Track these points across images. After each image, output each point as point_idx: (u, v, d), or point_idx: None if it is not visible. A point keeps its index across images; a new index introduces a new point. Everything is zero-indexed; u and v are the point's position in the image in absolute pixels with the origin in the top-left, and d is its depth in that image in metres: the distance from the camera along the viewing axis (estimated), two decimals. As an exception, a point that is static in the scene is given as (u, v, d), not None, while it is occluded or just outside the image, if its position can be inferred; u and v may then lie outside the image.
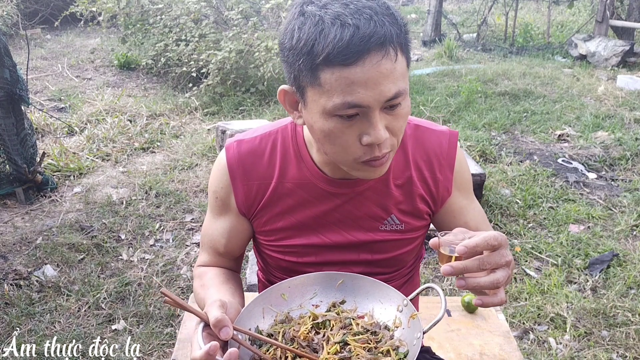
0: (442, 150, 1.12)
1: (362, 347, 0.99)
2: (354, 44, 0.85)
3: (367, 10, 0.87)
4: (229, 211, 1.16)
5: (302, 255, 1.15)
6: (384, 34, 0.86)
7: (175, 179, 3.79)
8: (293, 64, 0.91)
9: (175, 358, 1.58)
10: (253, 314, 1.04)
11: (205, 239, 1.23)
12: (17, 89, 3.28)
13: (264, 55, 5.00)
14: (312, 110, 0.94)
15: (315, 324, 1.04)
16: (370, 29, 0.86)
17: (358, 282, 1.09)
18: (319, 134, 0.96)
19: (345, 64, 0.86)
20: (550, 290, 2.64)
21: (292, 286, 1.08)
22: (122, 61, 6.62)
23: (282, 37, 0.94)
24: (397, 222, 1.13)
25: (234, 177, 1.12)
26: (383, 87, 0.89)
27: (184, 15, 5.60)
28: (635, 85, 5.74)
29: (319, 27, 0.87)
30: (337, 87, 0.88)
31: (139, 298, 2.60)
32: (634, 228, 3.20)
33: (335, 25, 0.86)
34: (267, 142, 1.12)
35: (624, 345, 2.31)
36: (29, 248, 2.99)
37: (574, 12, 9.27)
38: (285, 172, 1.11)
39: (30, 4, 8.54)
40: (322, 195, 1.10)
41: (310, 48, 0.87)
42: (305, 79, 0.91)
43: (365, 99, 0.89)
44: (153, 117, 4.99)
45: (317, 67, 0.88)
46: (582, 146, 4.31)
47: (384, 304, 1.06)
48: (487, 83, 5.91)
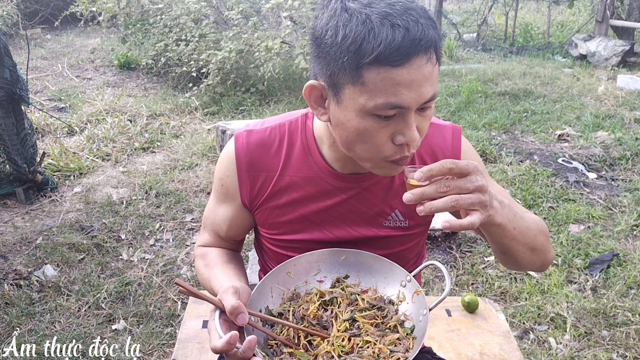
0: (447, 144, 1.13)
1: (370, 322, 1.02)
2: (405, 45, 0.85)
3: (413, 12, 0.87)
4: (233, 201, 1.17)
5: (303, 251, 1.15)
6: (430, 38, 0.87)
7: (176, 178, 3.79)
8: (334, 60, 0.90)
9: (175, 358, 1.58)
10: (262, 294, 1.07)
11: (208, 221, 1.24)
12: (17, 89, 3.28)
13: (264, 55, 5.00)
14: (348, 108, 0.93)
15: (322, 301, 1.07)
16: (419, 32, 0.86)
17: (361, 258, 1.11)
18: (350, 132, 0.95)
19: (393, 65, 0.86)
20: (551, 290, 2.64)
21: (297, 264, 1.11)
22: (122, 61, 6.62)
23: (321, 32, 0.92)
24: (401, 219, 1.14)
25: (240, 168, 1.13)
26: (423, 90, 0.90)
27: (184, 15, 5.60)
28: (635, 85, 5.74)
29: (367, 26, 0.86)
30: (381, 87, 0.88)
31: (139, 298, 2.60)
32: (634, 228, 3.20)
33: (385, 26, 0.85)
34: (276, 134, 1.13)
35: (624, 345, 2.31)
36: (29, 248, 2.99)
37: (574, 12, 9.27)
38: (291, 165, 1.11)
39: (30, 4, 8.54)
40: (329, 190, 1.11)
41: (358, 46, 0.87)
42: (346, 77, 0.90)
43: (407, 100, 0.89)
44: (153, 117, 4.99)
45: (362, 65, 0.87)
46: (582, 146, 4.31)
47: (387, 279, 1.09)
48: (487, 83, 5.91)
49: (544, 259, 1.09)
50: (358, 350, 0.99)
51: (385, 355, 0.97)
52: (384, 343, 0.99)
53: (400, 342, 0.99)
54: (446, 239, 3.08)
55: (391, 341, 0.99)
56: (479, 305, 1.79)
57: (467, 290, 2.67)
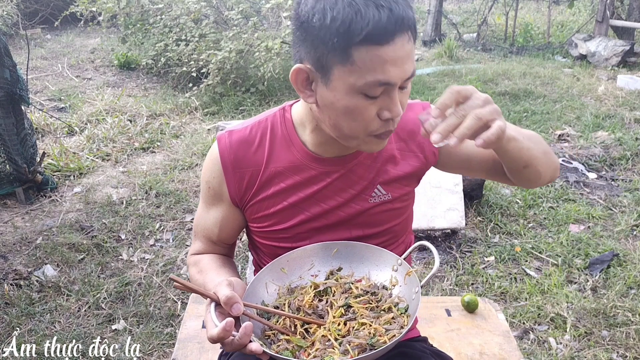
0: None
1: (365, 307, 1.06)
2: (390, 24, 0.91)
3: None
4: (222, 201, 1.20)
5: (296, 240, 1.18)
6: (410, 17, 0.94)
7: (175, 178, 3.79)
8: (323, 42, 0.94)
9: (175, 358, 1.58)
10: (257, 289, 1.09)
11: (199, 228, 1.26)
12: (17, 89, 3.28)
13: (264, 55, 5.00)
14: (337, 88, 0.97)
15: (317, 292, 1.10)
16: (400, 11, 0.92)
17: (352, 249, 1.15)
18: (340, 111, 0.99)
19: (381, 44, 0.92)
20: (551, 290, 2.64)
21: (291, 260, 1.14)
22: (122, 61, 6.62)
23: (307, 16, 0.95)
24: (383, 193, 1.18)
25: (226, 167, 1.15)
26: (406, 66, 0.96)
27: (184, 15, 5.60)
28: (635, 85, 5.74)
29: (353, 7, 0.90)
30: (370, 65, 0.93)
31: (139, 298, 2.60)
32: (634, 228, 3.20)
33: (370, 7, 0.90)
34: (257, 130, 1.16)
35: (624, 345, 2.31)
36: (29, 248, 2.99)
37: (574, 12, 9.27)
38: (275, 157, 1.14)
39: (30, 4, 8.54)
40: (314, 175, 1.14)
41: (347, 27, 0.91)
42: (335, 58, 0.94)
43: (394, 77, 0.95)
44: (153, 117, 4.99)
45: (352, 45, 0.92)
46: (582, 146, 4.31)
47: (379, 266, 1.13)
48: (487, 83, 5.91)
49: (555, 160, 1.17)
50: (354, 333, 1.02)
51: (381, 333, 1.00)
52: (379, 323, 1.02)
53: (394, 320, 1.03)
54: (446, 239, 3.08)
55: (386, 321, 1.03)
56: (479, 305, 1.79)
57: (467, 290, 2.67)
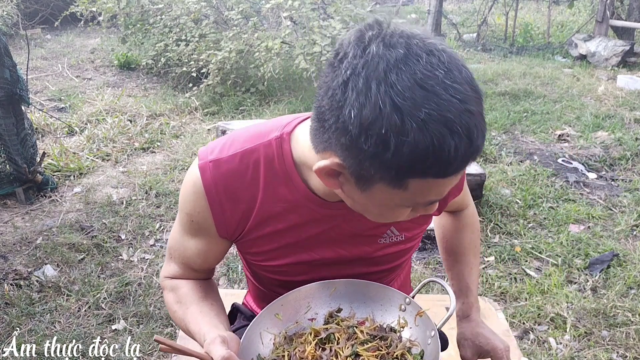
0: None
1: (374, 355, 0.95)
2: (465, 160, 0.75)
3: (470, 106, 0.73)
4: (207, 235, 1.05)
5: (294, 275, 1.08)
6: (482, 145, 0.76)
7: (176, 179, 3.79)
8: (371, 165, 0.76)
9: (175, 357, 1.58)
10: (252, 342, 0.98)
11: (175, 253, 1.12)
12: (17, 89, 3.28)
13: (264, 55, 5.00)
14: (375, 198, 0.83)
15: (318, 340, 0.99)
16: (480, 138, 0.74)
17: (352, 287, 1.05)
18: (370, 211, 0.89)
19: (444, 177, 0.77)
20: (550, 290, 2.64)
21: (285, 304, 1.03)
22: (122, 61, 6.61)
23: (359, 132, 0.73)
24: (396, 234, 1.08)
25: (213, 203, 1.00)
26: (454, 182, 0.83)
27: (184, 15, 5.60)
28: (635, 85, 5.74)
29: (426, 139, 0.70)
30: (424, 192, 0.80)
31: (139, 298, 2.60)
32: (634, 228, 3.20)
33: (446, 138, 0.71)
34: (248, 161, 0.98)
35: (624, 345, 2.31)
36: (29, 248, 2.99)
37: (574, 12, 9.27)
38: (271, 193, 0.99)
39: (30, 4, 8.54)
40: (317, 217, 1.00)
41: (411, 164, 0.73)
42: (384, 179, 0.78)
43: (442, 195, 0.84)
44: (153, 117, 4.99)
45: (411, 177, 0.76)
46: (582, 146, 4.31)
47: (383, 306, 1.03)
48: (487, 83, 5.91)
49: (479, 243, 1.32)
50: None
51: None
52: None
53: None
54: (446, 239, 3.08)
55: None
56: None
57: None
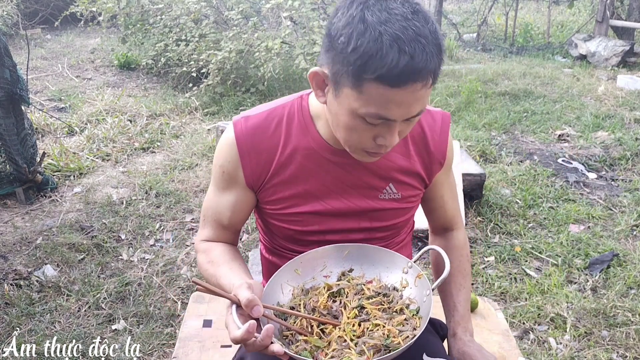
0: (437, 127, 1.23)
1: (377, 308, 1.09)
2: (406, 73, 0.92)
3: (422, 39, 0.92)
4: (236, 185, 1.21)
5: (306, 224, 1.21)
6: (431, 67, 0.94)
7: (175, 179, 3.79)
8: (341, 63, 0.96)
9: (176, 356, 1.59)
10: (274, 291, 1.13)
11: (209, 212, 1.27)
12: (17, 89, 3.28)
13: (264, 55, 5.00)
14: (342, 104, 1.01)
15: (330, 293, 1.13)
16: (422, 61, 0.92)
17: (363, 251, 1.18)
18: (340, 123, 1.05)
19: (390, 86, 0.94)
20: (550, 290, 2.64)
21: (304, 261, 1.17)
22: (122, 61, 6.62)
23: (335, 34, 0.97)
24: (394, 191, 1.22)
25: (242, 151, 1.17)
26: (412, 108, 0.99)
27: (184, 15, 5.60)
28: (635, 85, 5.74)
29: (377, 45, 0.91)
30: (375, 99, 0.96)
31: (139, 298, 2.60)
32: (634, 228, 3.20)
33: (393, 49, 0.91)
34: (273, 117, 1.18)
35: (624, 345, 2.31)
36: (29, 248, 2.99)
37: (574, 12, 9.27)
38: (290, 142, 1.17)
39: (30, 4, 8.54)
40: (326, 164, 1.17)
41: (364, 62, 0.93)
42: (347, 81, 0.97)
43: (395, 115, 0.98)
44: (153, 117, 4.99)
45: (363, 79, 0.94)
46: (582, 146, 4.32)
47: (389, 268, 1.16)
48: (487, 83, 5.91)
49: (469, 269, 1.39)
50: (369, 334, 1.05)
51: (395, 334, 1.03)
52: (392, 324, 1.05)
53: (407, 322, 1.06)
54: (446, 238, 3.08)
55: (399, 322, 1.06)
56: (479, 304, 1.79)
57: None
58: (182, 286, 2.69)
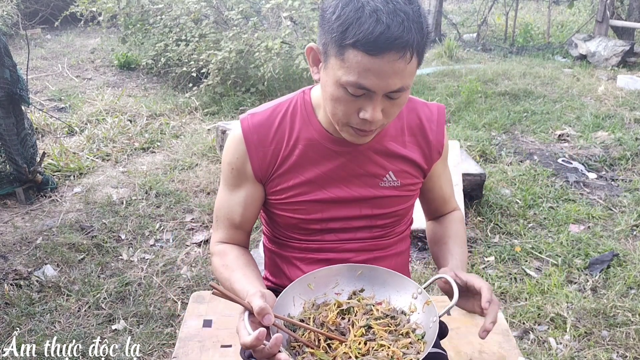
0: (434, 119, 1.29)
1: (384, 329, 1.12)
2: (381, 40, 0.98)
3: (402, 13, 0.98)
4: (245, 180, 1.26)
5: (310, 212, 1.26)
6: (408, 40, 0.99)
7: (176, 179, 3.79)
8: (328, 33, 1.04)
9: (176, 356, 1.59)
10: (286, 302, 1.15)
11: (221, 213, 1.31)
12: (17, 89, 3.28)
13: (264, 55, 5.00)
14: (329, 75, 1.07)
15: (340, 310, 1.16)
16: (398, 32, 0.98)
17: (375, 273, 1.21)
18: (327, 94, 1.10)
19: (368, 54, 0.99)
20: (550, 290, 2.64)
21: (317, 277, 1.20)
22: (122, 61, 6.62)
23: (326, 6, 1.05)
24: (394, 179, 1.26)
25: (249, 146, 1.22)
26: (391, 81, 1.02)
27: (184, 15, 5.60)
28: (635, 85, 5.74)
29: (357, 14, 0.99)
30: (355, 67, 1.01)
31: (139, 298, 2.60)
32: (634, 228, 3.20)
33: (372, 18, 0.98)
34: (278, 112, 1.24)
35: (624, 345, 2.31)
36: (29, 248, 2.99)
37: (574, 12, 9.28)
38: (294, 134, 1.22)
39: (30, 4, 8.54)
40: (328, 153, 1.22)
41: (344, 29, 1.00)
42: (333, 49, 1.04)
43: (374, 86, 1.03)
44: (153, 117, 4.99)
45: (345, 45, 1.01)
46: (582, 146, 4.32)
47: (399, 292, 1.19)
48: (487, 83, 5.91)
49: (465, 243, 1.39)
50: (373, 353, 1.07)
51: (399, 357, 1.06)
52: (397, 347, 1.08)
53: (412, 345, 1.08)
54: (446, 238, 3.08)
55: (404, 345, 1.08)
56: (479, 305, 1.79)
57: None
58: (182, 286, 2.69)
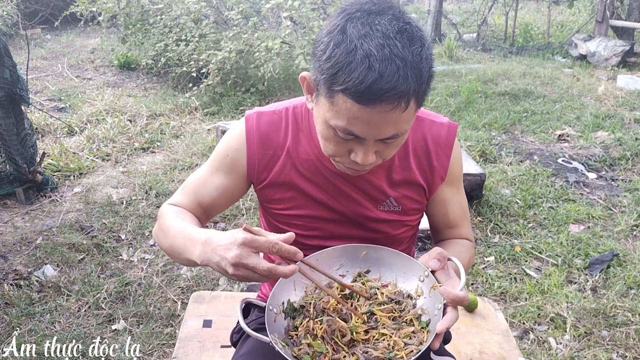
0: (441, 141, 1.20)
1: (387, 316, 1.08)
2: (372, 91, 0.89)
3: (398, 60, 0.89)
4: (234, 173, 1.22)
5: (308, 229, 1.22)
6: (402, 90, 0.90)
7: (175, 179, 3.79)
8: (318, 71, 0.97)
9: (176, 356, 1.59)
10: (285, 287, 1.11)
11: (192, 185, 1.26)
12: (17, 89, 3.28)
13: (264, 55, 5.00)
14: (319, 112, 1.01)
15: (343, 295, 1.13)
16: (391, 82, 0.89)
17: (381, 254, 1.16)
18: (318, 130, 1.05)
19: (357, 102, 0.91)
20: (550, 290, 2.64)
21: (320, 259, 1.15)
22: (122, 61, 6.62)
23: (318, 41, 0.97)
24: (395, 204, 1.21)
25: (250, 144, 1.19)
26: (383, 129, 0.95)
27: (184, 15, 5.60)
28: (635, 85, 5.75)
29: (349, 58, 0.90)
30: (345, 113, 0.94)
31: (139, 298, 2.60)
32: (634, 228, 3.20)
33: (363, 65, 0.88)
34: (283, 116, 1.20)
35: (624, 345, 2.31)
36: (29, 248, 2.99)
37: (574, 12, 9.28)
38: (297, 145, 1.18)
39: (30, 4, 8.54)
40: (328, 173, 1.18)
41: (334, 72, 0.92)
42: (323, 90, 0.97)
43: (364, 134, 0.96)
44: (153, 117, 4.99)
45: (334, 90, 0.93)
46: (582, 146, 4.32)
47: (406, 274, 1.14)
48: (487, 83, 5.91)
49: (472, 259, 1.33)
50: (374, 342, 1.05)
51: (400, 347, 1.02)
52: (399, 336, 1.05)
53: (414, 335, 1.05)
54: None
55: (406, 334, 1.05)
56: (478, 304, 1.79)
57: (467, 290, 2.67)
58: (182, 286, 2.69)
